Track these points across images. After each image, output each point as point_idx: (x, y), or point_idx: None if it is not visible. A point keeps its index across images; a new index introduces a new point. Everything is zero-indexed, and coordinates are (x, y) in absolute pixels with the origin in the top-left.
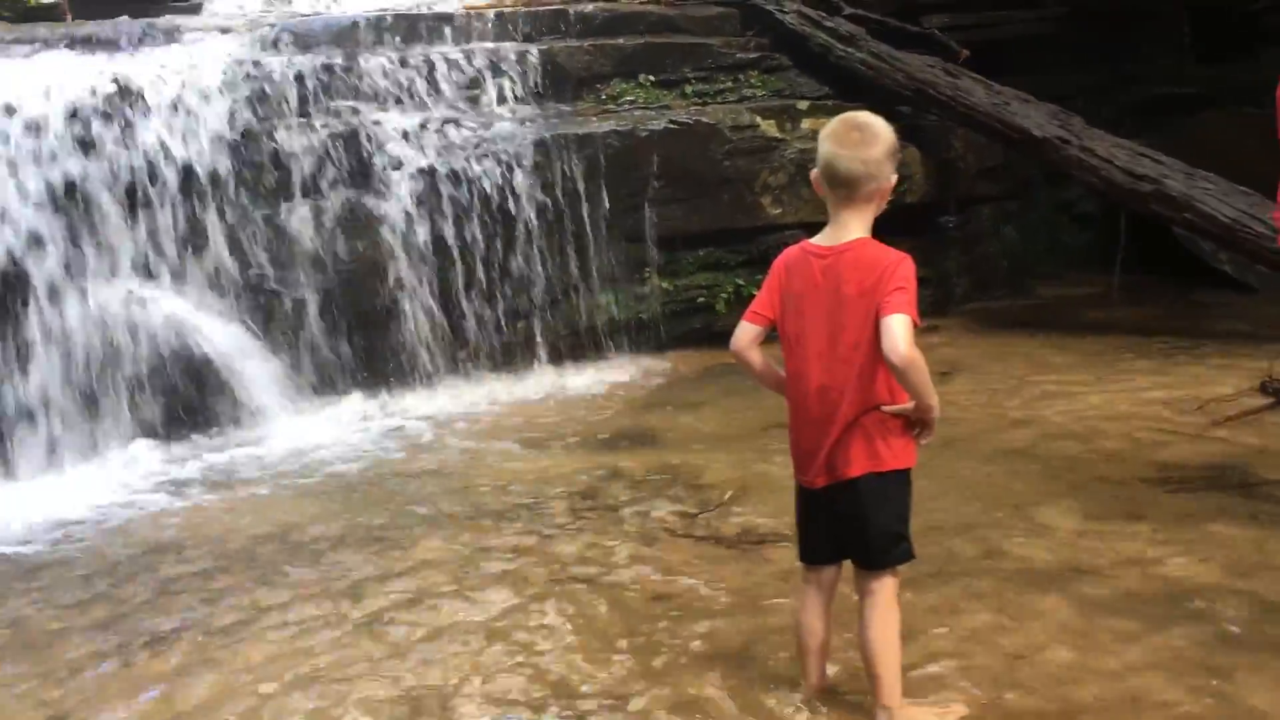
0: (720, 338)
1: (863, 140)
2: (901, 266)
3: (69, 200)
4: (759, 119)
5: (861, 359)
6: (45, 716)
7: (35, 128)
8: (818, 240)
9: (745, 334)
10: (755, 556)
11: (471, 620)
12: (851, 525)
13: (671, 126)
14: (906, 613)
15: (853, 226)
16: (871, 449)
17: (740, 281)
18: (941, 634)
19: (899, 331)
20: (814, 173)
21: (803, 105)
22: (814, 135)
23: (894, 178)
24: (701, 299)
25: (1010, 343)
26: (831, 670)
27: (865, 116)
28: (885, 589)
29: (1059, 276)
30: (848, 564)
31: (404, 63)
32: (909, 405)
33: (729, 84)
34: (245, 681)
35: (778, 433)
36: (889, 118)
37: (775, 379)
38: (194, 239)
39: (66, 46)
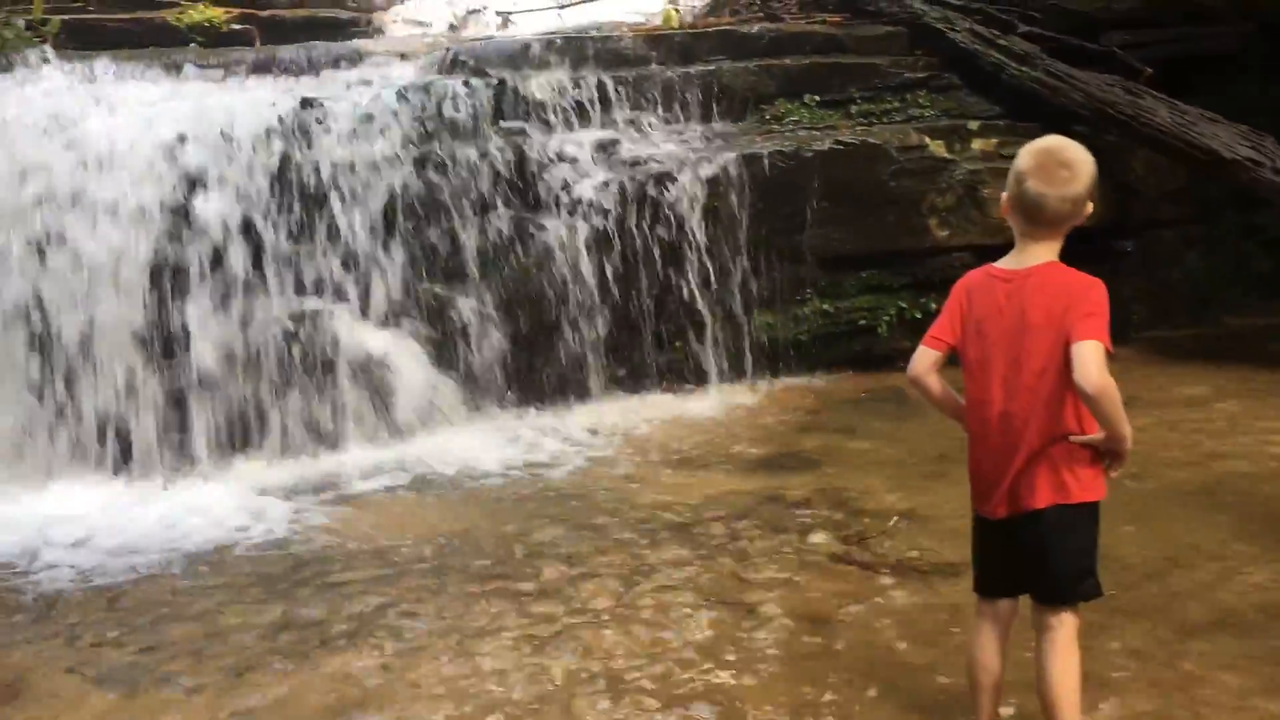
0: (882, 361)
1: (1071, 178)
2: (1093, 291)
3: (256, 215)
4: (927, 139)
5: (1049, 386)
6: (228, 714)
7: (231, 147)
8: (1002, 264)
9: (923, 359)
10: (921, 586)
11: (629, 641)
12: (1034, 558)
13: (837, 147)
14: (1085, 653)
15: (1041, 251)
16: (1058, 480)
17: (904, 304)
18: (1123, 678)
19: (1091, 358)
20: (1006, 199)
21: (973, 125)
22: (984, 156)
23: (1090, 207)
24: (863, 321)
25: (1191, 374)
26: (1006, 712)
27: (1069, 150)
28: (1066, 626)
29: (1246, 305)
30: (1025, 599)
31: (573, 84)
32: (1099, 435)
33: (896, 104)
34: (413, 689)
35: (942, 460)
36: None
37: (954, 405)
38: (366, 255)
39: (256, 72)
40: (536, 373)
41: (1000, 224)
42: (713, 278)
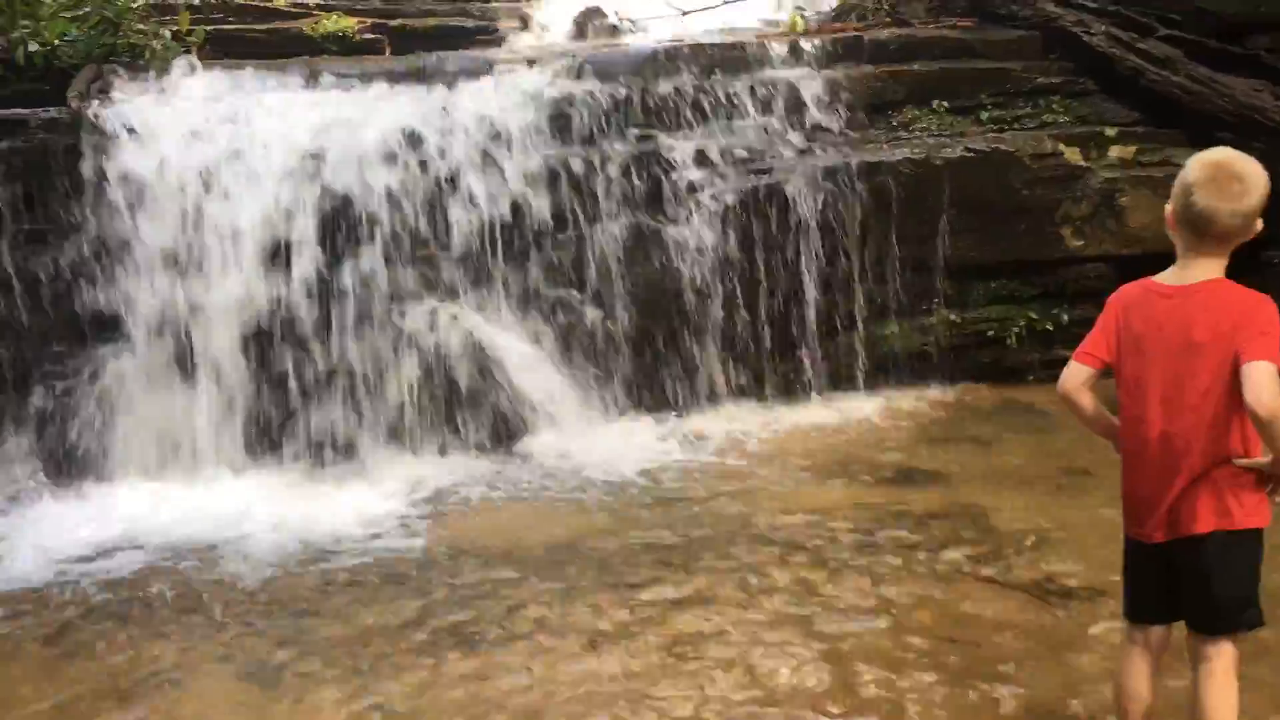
0: (1010, 373)
1: (1244, 192)
2: (1264, 309)
3: (390, 219)
4: (1062, 146)
5: (1213, 407)
6: (367, 705)
7: (365, 153)
8: (1162, 278)
9: (1075, 375)
10: (1060, 609)
11: (758, 654)
12: (1192, 585)
13: (967, 154)
14: (1243, 684)
15: (1207, 267)
16: (1221, 505)
17: (1034, 315)
18: None
19: (1264, 380)
20: (1170, 212)
21: (1110, 132)
22: (1122, 164)
23: (1260, 224)
24: (991, 332)
25: None
26: None
27: (1242, 163)
28: (1225, 657)
29: None
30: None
31: (699, 91)
32: (1266, 459)
33: (1028, 110)
34: (546, 693)
35: (1077, 476)
36: (1207, 146)
37: (1106, 424)
38: (494, 259)
39: (391, 81)
40: (657, 378)
41: (1138, 234)
42: (836, 286)
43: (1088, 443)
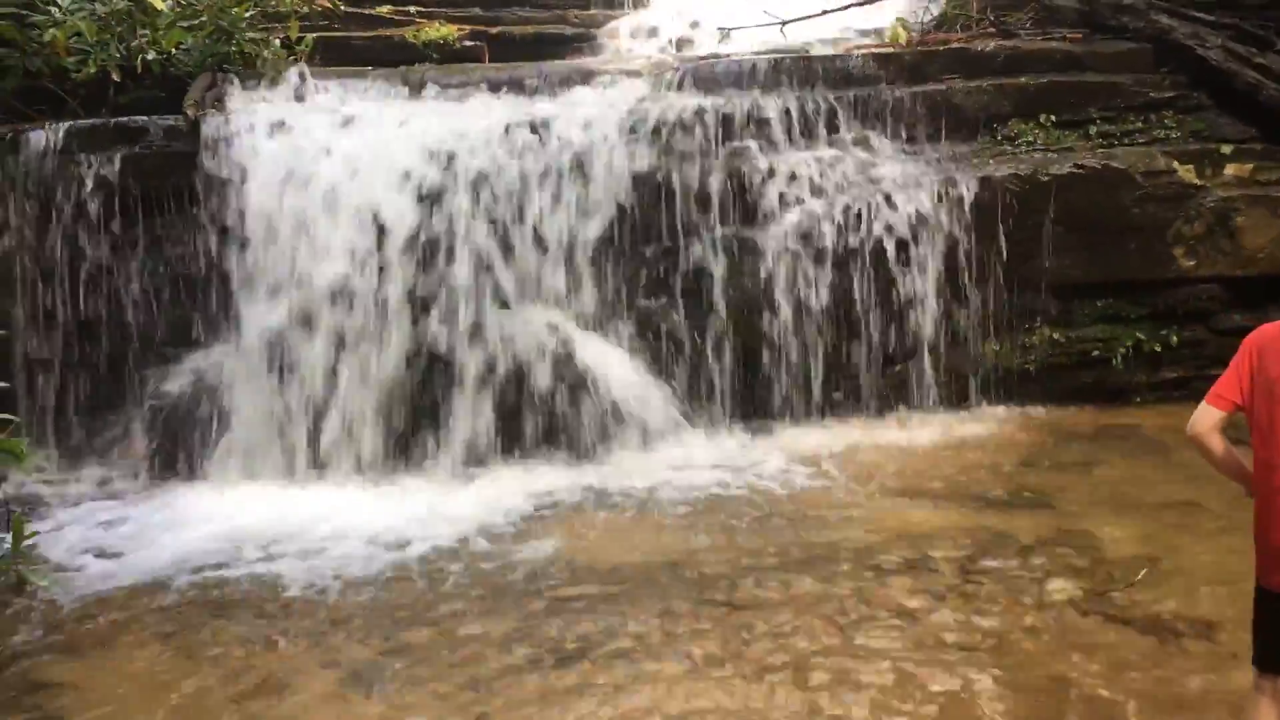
0: (1115, 394)
1: None
2: None
3: (490, 232)
4: (1175, 163)
5: None
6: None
7: (467, 165)
8: None
9: (1206, 418)
10: (1174, 648)
11: (859, 684)
12: None
13: (1076, 171)
14: None
15: None
16: None
17: (1142, 336)
18: None
19: None
20: None
21: (1226, 149)
22: (1238, 182)
23: None
24: (1096, 352)
25: None
26: None
27: None
28: None
29: None
30: None
31: (800, 104)
32: None
33: (1139, 125)
34: (646, 708)
35: (1189, 508)
36: None
37: (1238, 468)
38: (591, 268)
39: (493, 90)
40: (752, 391)
41: (1254, 255)
42: (936, 302)
43: (1196, 471)
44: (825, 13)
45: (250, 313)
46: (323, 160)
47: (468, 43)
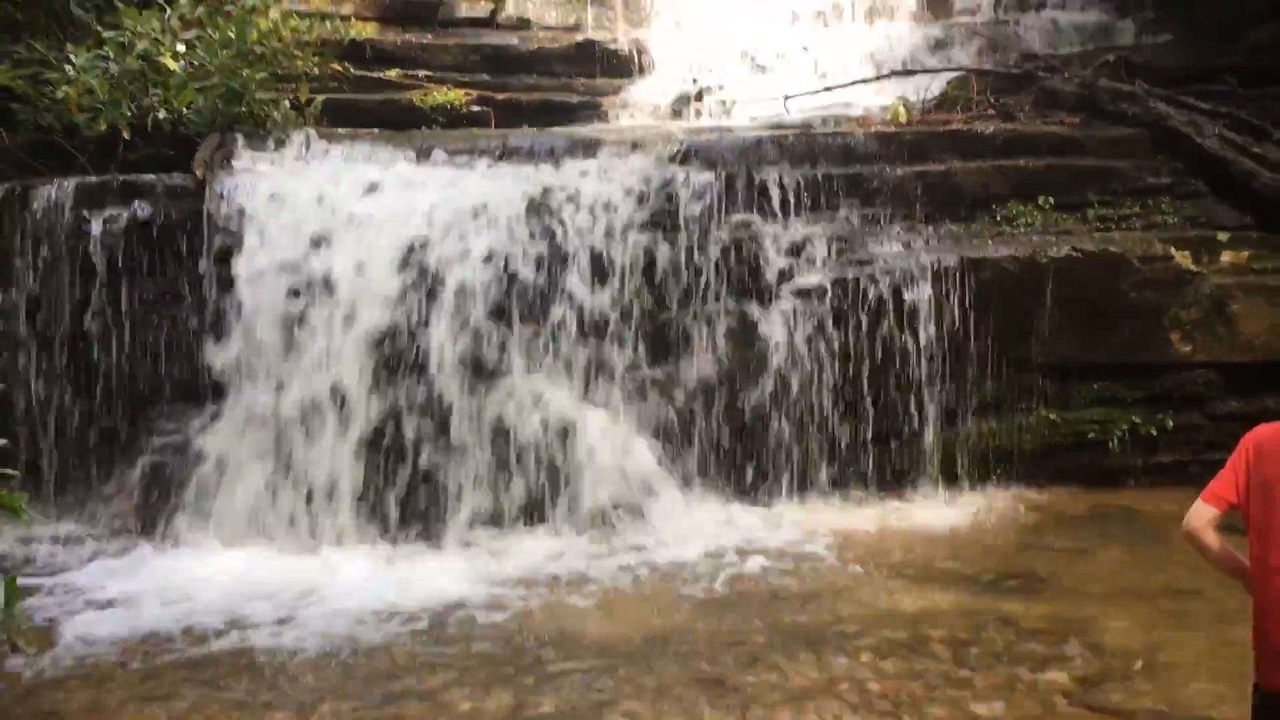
0: (1111, 477)
1: None
2: None
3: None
4: (1173, 249)
5: None
6: None
7: (472, 233)
8: None
9: (1202, 515)
10: None
11: None
12: None
13: (1074, 254)
14: None
15: None
16: None
17: (1137, 419)
18: None
19: None
20: None
21: (1223, 236)
22: (1234, 269)
23: None
24: (1092, 434)
25: None
26: None
27: None
28: None
29: None
30: None
31: (802, 180)
32: None
33: (1136, 209)
34: None
35: (1184, 596)
36: None
37: (1234, 565)
38: (591, 337)
39: (501, 159)
40: (750, 464)
41: (1250, 342)
42: (934, 380)
43: (1194, 558)
44: (828, 89)
45: (246, 374)
46: (325, 226)
47: (475, 108)
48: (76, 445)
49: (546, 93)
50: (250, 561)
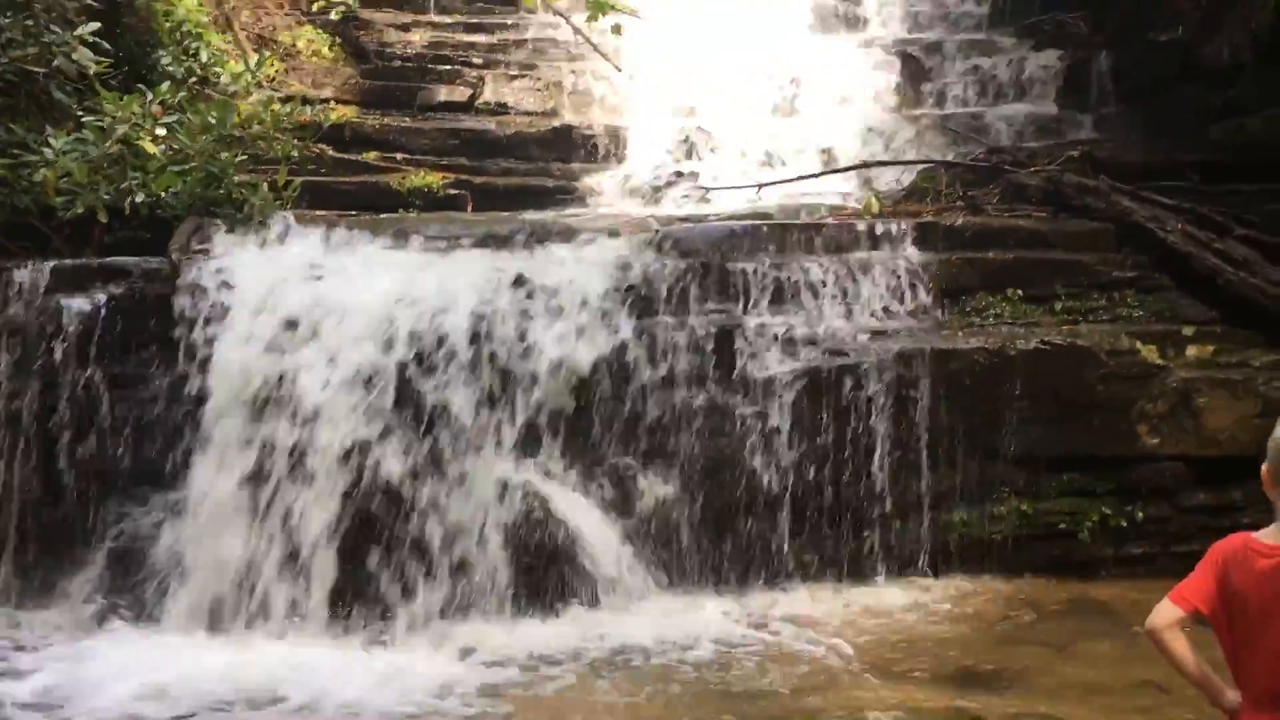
0: (1082, 568)
1: None
2: None
3: (461, 383)
4: (1139, 344)
5: None
6: None
7: (446, 320)
8: (1263, 536)
9: (1166, 615)
10: None
11: None
12: None
13: (1043, 347)
14: None
15: None
16: None
17: (1108, 511)
18: None
19: None
20: (1266, 471)
21: (1188, 331)
22: (1199, 364)
23: None
24: (1063, 525)
25: None
26: None
27: None
28: None
29: None
30: None
31: (775, 269)
32: None
33: (1102, 302)
34: None
35: (1158, 693)
36: None
37: (1197, 672)
38: (564, 425)
39: (475, 244)
40: (723, 553)
41: (1215, 436)
42: (904, 469)
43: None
44: (801, 177)
45: (211, 461)
46: (296, 312)
47: (451, 191)
48: (38, 529)
49: (523, 177)
50: (215, 648)
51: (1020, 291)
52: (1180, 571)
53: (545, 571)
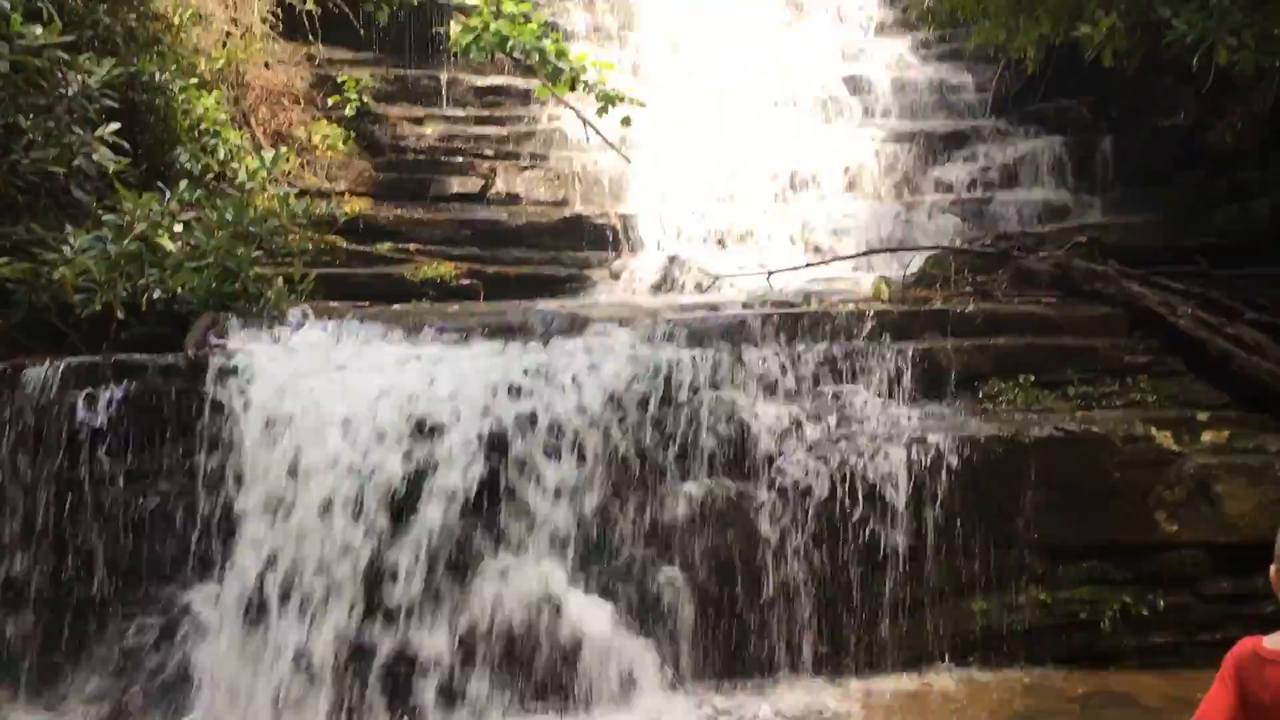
0: (1104, 658)
1: None
2: None
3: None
4: (1153, 430)
5: None
6: None
7: (454, 411)
8: (1272, 640)
9: None
10: None
11: None
12: None
13: (1057, 434)
14: None
15: None
16: None
17: (1128, 599)
18: None
19: None
20: (1275, 572)
21: (1202, 416)
22: (1215, 449)
23: None
24: (1083, 614)
25: None
26: None
27: None
28: None
29: None
30: None
31: (786, 358)
32: None
33: (1115, 387)
34: None
35: None
36: None
37: None
38: (570, 516)
39: (487, 336)
40: (737, 645)
41: (1235, 523)
42: (921, 559)
43: None
44: (811, 264)
45: (227, 564)
46: (312, 409)
47: (464, 281)
48: (51, 627)
49: (535, 266)
50: None
51: (1033, 377)
52: (1204, 661)
53: (546, 668)
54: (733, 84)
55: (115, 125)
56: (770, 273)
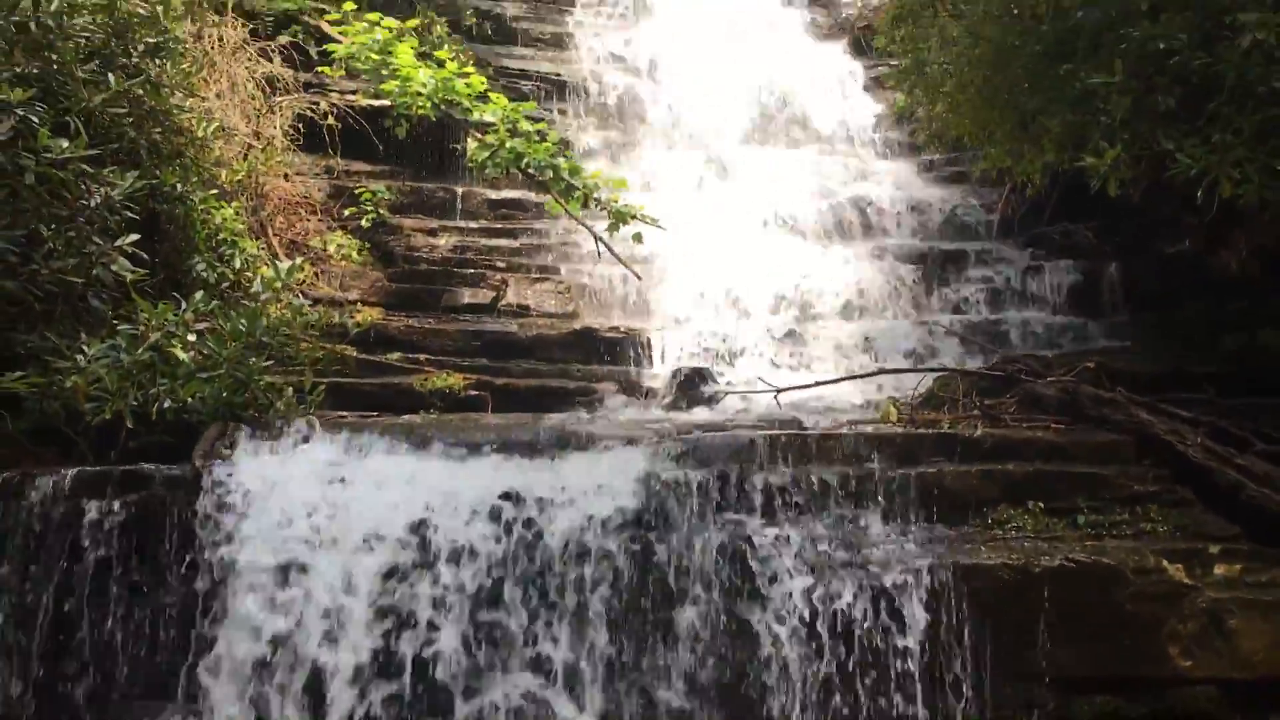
0: None
1: None
2: None
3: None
4: (1165, 562)
5: None
6: None
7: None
8: None
9: None
10: None
11: None
12: None
13: (1067, 565)
14: None
15: None
16: None
17: None
18: None
19: None
20: None
21: (1214, 549)
22: (1227, 583)
23: None
24: None
25: None
26: None
27: None
28: None
29: None
30: None
31: (793, 481)
32: None
33: (1125, 516)
34: None
35: None
36: None
37: None
38: (573, 637)
39: (495, 451)
40: None
41: (1249, 658)
42: (930, 690)
43: None
44: (818, 383)
45: (216, 681)
46: (316, 525)
47: (472, 393)
48: None
49: (544, 378)
50: None
51: (1042, 504)
52: None
53: None
54: (742, 203)
55: (135, 236)
56: (779, 390)
